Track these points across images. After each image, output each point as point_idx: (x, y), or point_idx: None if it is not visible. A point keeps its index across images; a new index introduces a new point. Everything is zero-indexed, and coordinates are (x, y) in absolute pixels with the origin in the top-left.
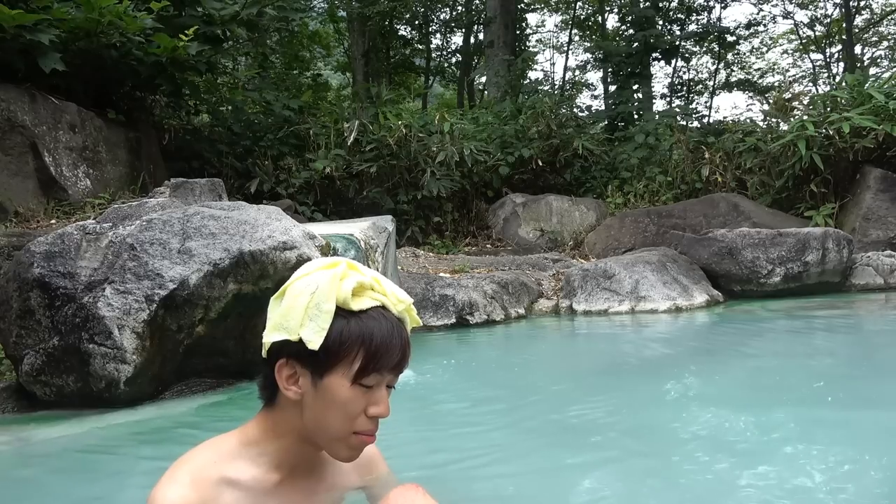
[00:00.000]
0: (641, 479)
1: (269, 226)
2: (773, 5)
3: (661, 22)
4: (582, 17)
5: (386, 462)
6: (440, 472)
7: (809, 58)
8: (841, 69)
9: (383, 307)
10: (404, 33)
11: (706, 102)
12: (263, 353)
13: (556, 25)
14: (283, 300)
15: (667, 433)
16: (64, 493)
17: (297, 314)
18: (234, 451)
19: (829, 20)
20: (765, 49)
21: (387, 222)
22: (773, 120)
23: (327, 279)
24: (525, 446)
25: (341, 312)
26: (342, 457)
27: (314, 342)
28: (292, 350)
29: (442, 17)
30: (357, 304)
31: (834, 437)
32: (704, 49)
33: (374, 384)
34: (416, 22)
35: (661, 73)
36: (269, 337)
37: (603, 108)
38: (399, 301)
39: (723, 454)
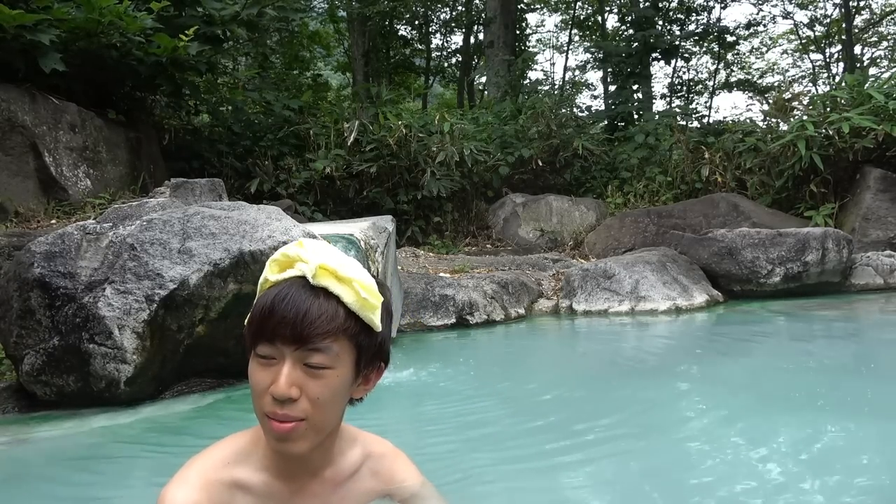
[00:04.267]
0: (641, 479)
1: (269, 226)
2: (772, 5)
3: (660, 22)
4: (582, 17)
5: (418, 471)
6: (438, 471)
7: (809, 58)
8: (841, 69)
9: (301, 276)
10: (404, 33)
11: (706, 102)
12: None
13: (556, 25)
14: None
15: (666, 433)
16: (64, 493)
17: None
18: (247, 450)
19: (828, 20)
20: (765, 49)
21: (387, 222)
22: (773, 120)
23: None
24: (524, 446)
25: (268, 288)
26: (271, 445)
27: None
28: None
29: (442, 17)
30: (275, 277)
31: (833, 438)
32: (704, 49)
33: (274, 356)
34: (416, 22)
35: (661, 73)
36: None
37: (603, 108)
38: (315, 266)
39: (722, 454)
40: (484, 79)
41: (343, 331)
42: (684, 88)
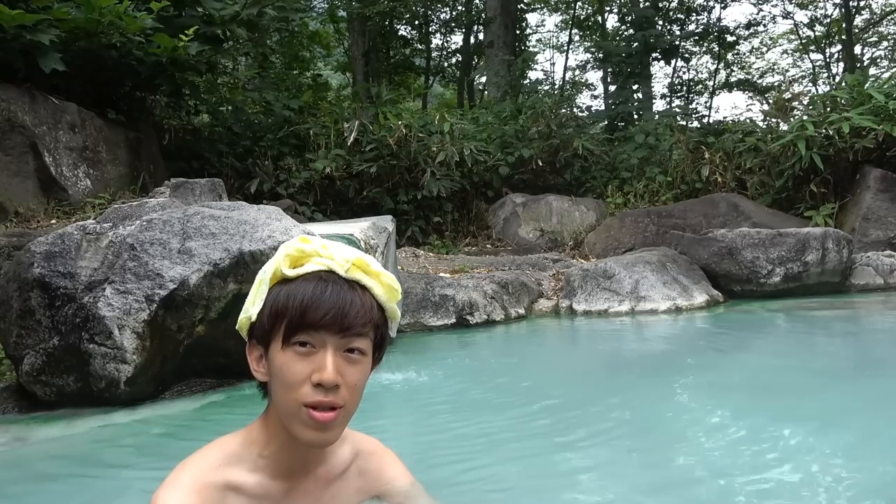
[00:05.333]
0: (641, 479)
1: (269, 226)
2: (773, 5)
3: (661, 22)
4: (582, 17)
5: (407, 470)
6: (438, 472)
7: (809, 58)
8: (841, 69)
9: (329, 271)
10: (404, 33)
11: (706, 102)
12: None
13: (556, 25)
14: None
15: (666, 433)
16: (64, 493)
17: (252, 293)
18: (238, 452)
19: (828, 20)
20: (765, 49)
21: (387, 222)
22: (773, 120)
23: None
24: (525, 446)
25: (280, 281)
26: (305, 437)
27: (253, 314)
28: (252, 330)
29: (442, 17)
30: (295, 271)
31: (833, 437)
32: (704, 49)
33: (315, 344)
34: (416, 22)
35: (661, 73)
36: (239, 321)
37: (603, 108)
38: (346, 261)
39: (722, 454)
40: (484, 79)
41: (375, 320)
42: (684, 88)
